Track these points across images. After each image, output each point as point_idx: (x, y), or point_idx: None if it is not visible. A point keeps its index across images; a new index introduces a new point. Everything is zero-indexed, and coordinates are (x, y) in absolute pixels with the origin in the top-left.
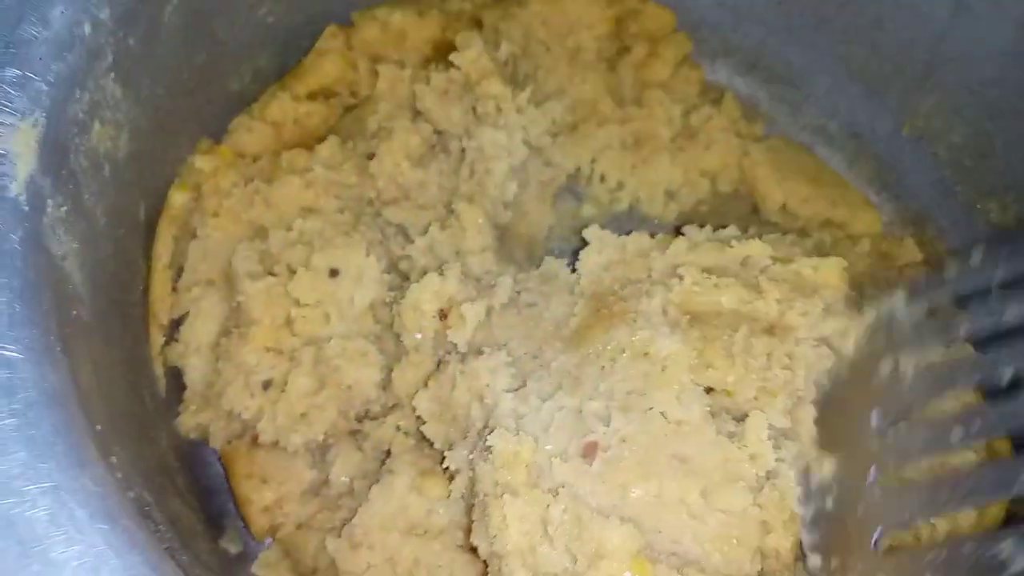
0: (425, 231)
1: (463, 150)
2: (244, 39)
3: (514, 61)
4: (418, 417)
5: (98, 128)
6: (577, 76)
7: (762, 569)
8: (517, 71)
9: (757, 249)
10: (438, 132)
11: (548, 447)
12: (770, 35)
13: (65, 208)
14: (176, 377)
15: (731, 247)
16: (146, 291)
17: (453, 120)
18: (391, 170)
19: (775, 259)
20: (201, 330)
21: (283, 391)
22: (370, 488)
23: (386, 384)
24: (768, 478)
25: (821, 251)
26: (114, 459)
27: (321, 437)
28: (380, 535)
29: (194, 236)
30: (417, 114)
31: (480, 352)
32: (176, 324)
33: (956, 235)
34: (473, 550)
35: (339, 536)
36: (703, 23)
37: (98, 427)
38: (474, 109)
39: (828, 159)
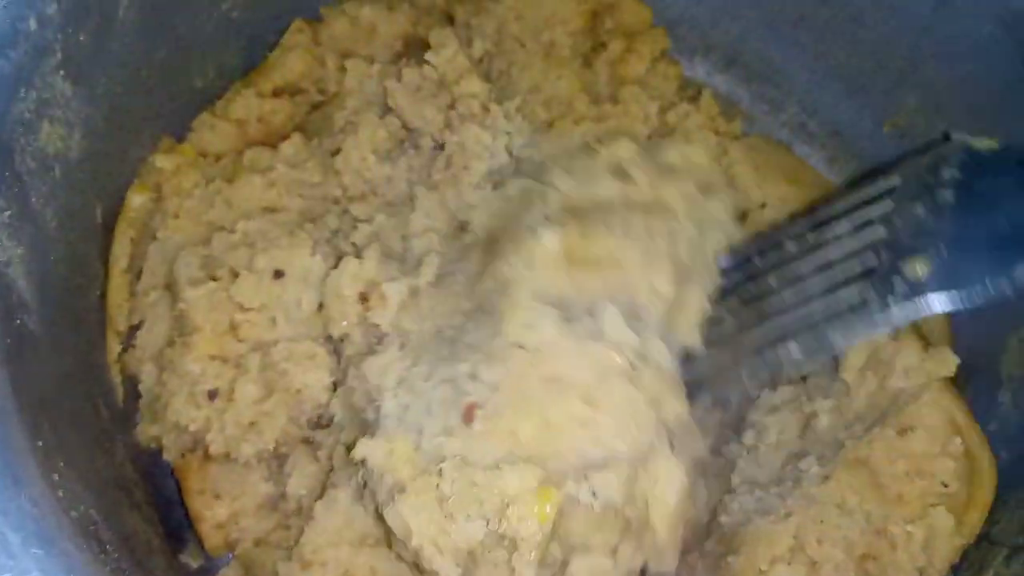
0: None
1: (439, 146)
2: (207, 35)
3: (488, 58)
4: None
5: (47, 128)
6: (552, 72)
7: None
8: (491, 68)
9: (624, 149)
10: (408, 128)
11: (434, 429)
12: (748, 31)
13: (9, 212)
14: (135, 385)
15: (599, 152)
16: (103, 296)
17: (426, 117)
18: (357, 165)
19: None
20: (155, 336)
21: (230, 400)
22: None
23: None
24: (639, 358)
25: None
26: (56, 476)
27: (272, 446)
28: (331, 552)
29: (153, 238)
30: (387, 110)
31: (373, 351)
32: (134, 330)
33: None
34: None
35: (289, 559)
36: (681, 19)
37: (39, 443)
38: (450, 107)
39: (808, 157)
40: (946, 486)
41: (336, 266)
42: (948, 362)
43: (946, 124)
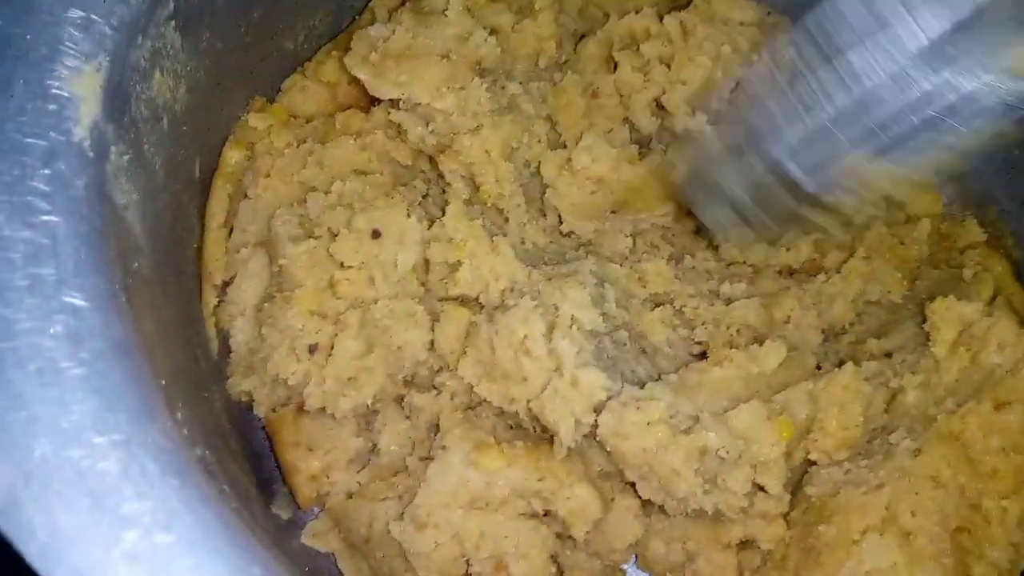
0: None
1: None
2: None
3: None
4: (467, 383)
5: (158, 77)
6: None
7: None
8: None
9: None
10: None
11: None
12: None
13: (127, 157)
14: (225, 339)
15: None
16: (200, 249)
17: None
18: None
19: None
20: (248, 293)
21: (330, 355)
22: (427, 467)
23: (432, 347)
24: None
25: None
26: (179, 415)
27: (370, 401)
28: (443, 513)
29: (245, 196)
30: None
31: (504, 306)
32: (227, 285)
33: (1020, 218)
34: (535, 516)
35: (401, 518)
36: None
37: (163, 381)
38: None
39: None
40: None
41: (430, 228)
42: None
43: None
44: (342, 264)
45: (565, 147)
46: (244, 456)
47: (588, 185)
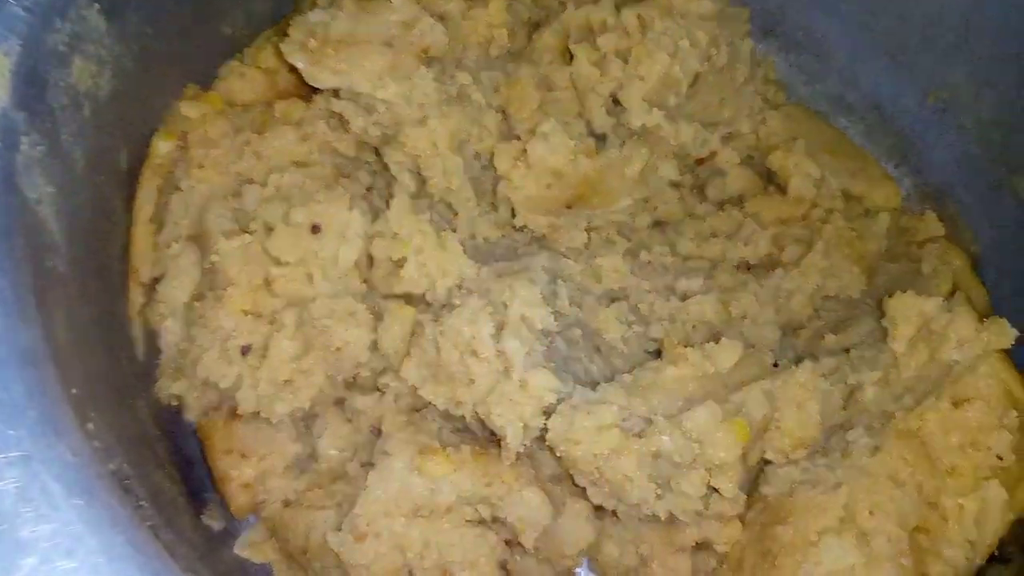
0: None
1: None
2: None
3: None
4: (412, 385)
5: (79, 63)
6: None
7: None
8: None
9: None
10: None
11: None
12: (789, 0)
13: (41, 148)
14: (155, 340)
15: None
16: (127, 246)
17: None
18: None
19: None
20: (178, 291)
21: (264, 357)
22: (368, 474)
23: (375, 347)
24: None
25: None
26: (91, 426)
27: (308, 405)
28: (384, 522)
29: (177, 188)
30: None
31: (451, 304)
32: (156, 283)
33: (979, 212)
34: (483, 523)
35: (339, 528)
36: None
37: (74, 390)
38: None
39: (845, 130)
40: (1000, 459)
41: (374, 222)
42: (1006, 333)
43: (994, 99)
44: (278, 260)
45: (519, 139)
46: (173, 464)
47: (543, 177)
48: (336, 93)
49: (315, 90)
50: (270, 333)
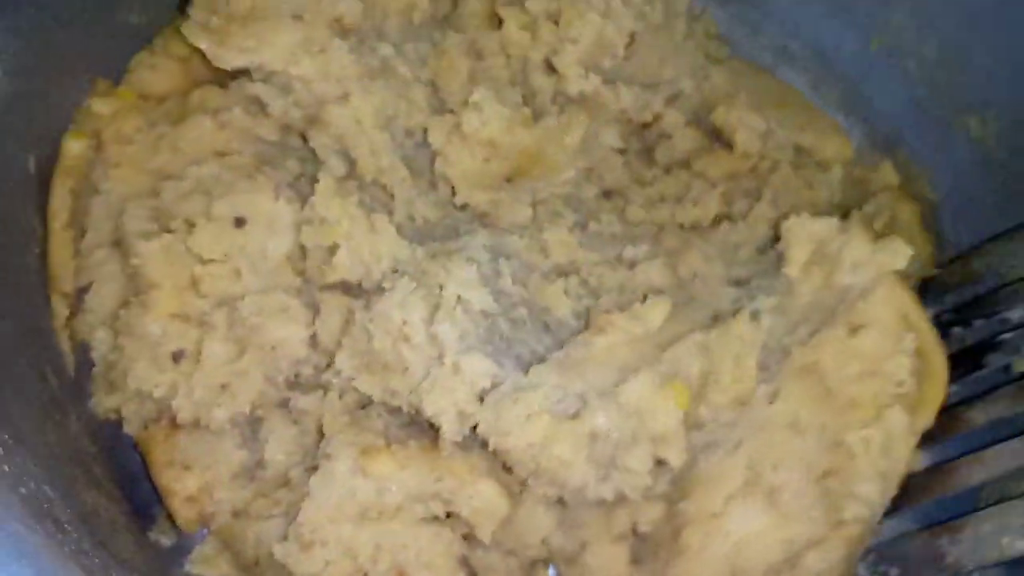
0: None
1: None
2: None
3: None
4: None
5: None
6: None
7: None
8: None
9: None
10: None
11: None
12: None
13: None
14: (86, 352)
15: None
16: (44, 256)
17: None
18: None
19: None
20: (107, 299)
21: (197, 361)
22: (309, 478)
23: (315, 342)
24: None
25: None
26: (0, 451)
27: (248, 409)
28: (331, 528)
29: (95, 192)
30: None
31: (380, 289)
32: (83, 293)
33: (930, 157)
34: (437, 520)
35: (285, 539)
36: None
37: None
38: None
39: (792, 82)
40: (900, 384)
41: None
42: (900, 253)
43: (937, 39)
44: (202, 258)
45: (453, 113)
46: (113, 482)
47: (480, 151)
48: (249, 75)
49: (233, 76)
50: (201, 336)
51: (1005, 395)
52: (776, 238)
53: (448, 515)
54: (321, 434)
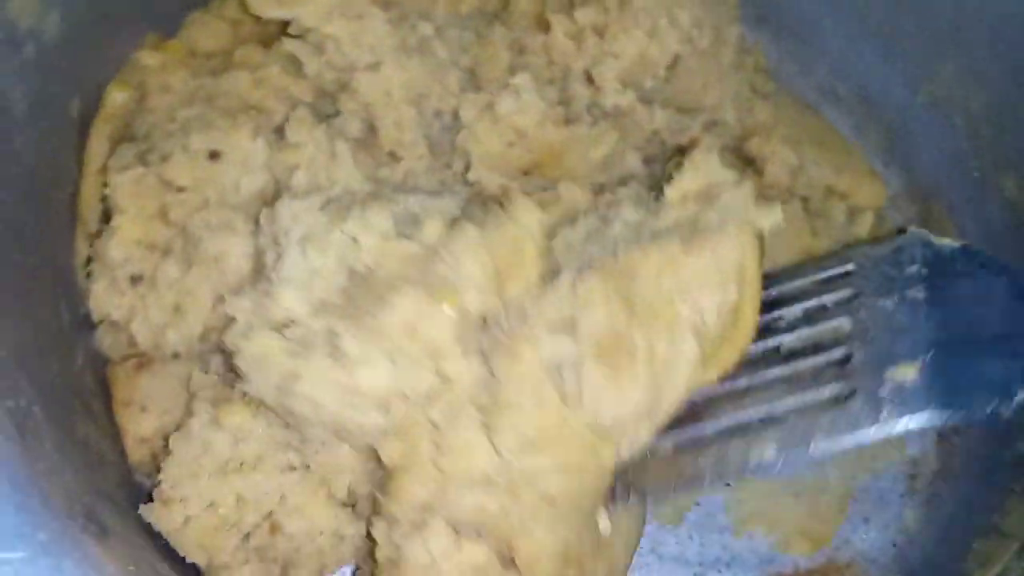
0: None
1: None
2: None
3: None
4: None
5: None
6: None
7: None
8: None
9: None
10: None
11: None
12: None
13: None
14: None
15: None
16: (75, 196)
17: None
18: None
19: None
20: None
21: (154, 286)
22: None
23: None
24: None
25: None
26: None
27: (199, 330)
28: (190, 484)
29: (132, 139)
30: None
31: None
32: None
33: (966, 213)
34: (305, 467)
35: (150, 501)
36: None
37: None
38: None
39: (835, 123)
40: (703, 323)
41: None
42: (772, 218)
43: (985, 95)
44: (172, 185)
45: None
46: (108, 418)
47: (508, 134)
48: (287, 32)
49: (275, 37)
50: (161, 261)
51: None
52: None
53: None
54: None
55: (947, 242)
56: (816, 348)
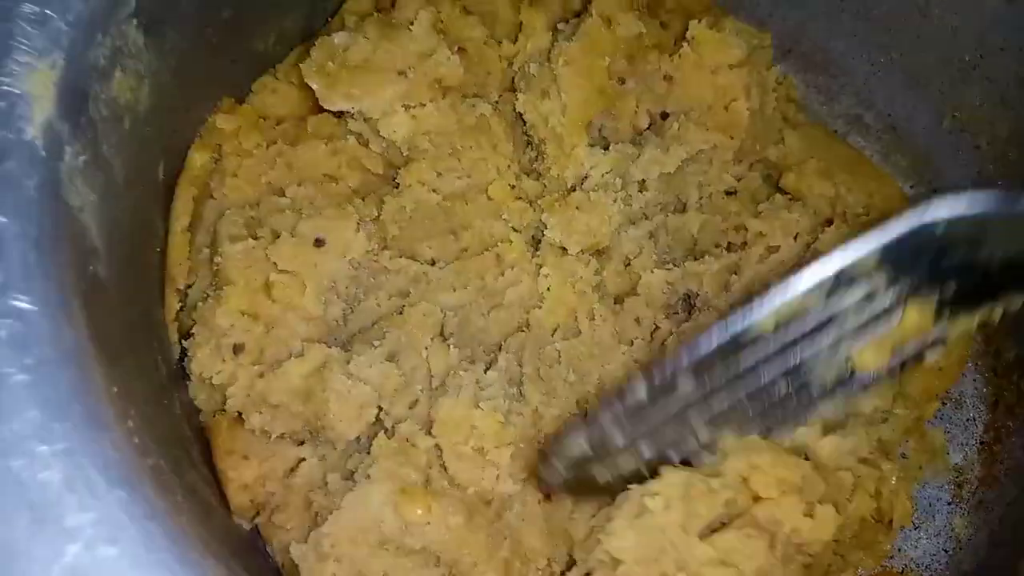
0: None
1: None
2: None
3: None
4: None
5: (119, 77)
6: None
7: None
8: None
9: None
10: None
11: None
12: (809, 20)
13: (84, 158)
14: None
15: None
16: (163, 254)
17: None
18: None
19: None
20: (200, 295)
21: (256, 357)
22: (345, 490)
23: None
24: None
25: None
26: (131, 423)
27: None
28: (349, 548)
29: (211, 197)
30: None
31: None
32: (190, 289)
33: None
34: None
35: (305, 541)
36: (740, 5)
37: (115, 389)
38: None
39: (863, 150)
40: None
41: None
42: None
43: (1011, 119)
44: (276, 267)
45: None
46: (207, 465)
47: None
48: (352, 115)
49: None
50: (263, 335)
51: None
52: None
53: None
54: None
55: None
56: None
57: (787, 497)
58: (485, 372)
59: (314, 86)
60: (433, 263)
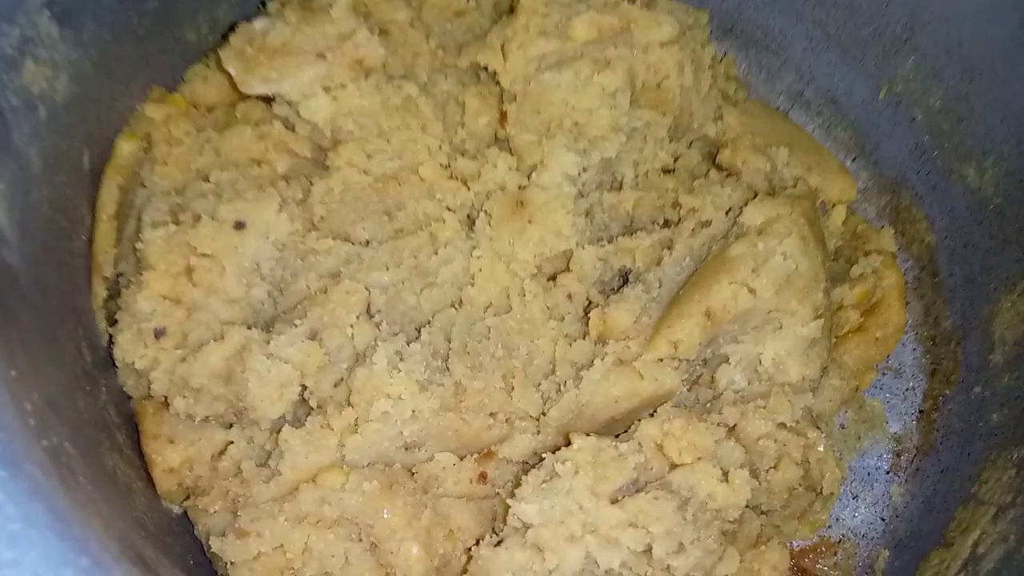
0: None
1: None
2: None
3: None
4: None
5: (31, 67)
6: None
7: None
8: None
9: None
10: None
11: None
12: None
13: None
14: None
15: None
16: (90, 243)
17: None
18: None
19: None
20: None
21: (177, 341)
22: (260, 473)
23: None
24: None
25: None
26: (29, 406)
27: (206, 416)
28: (269, 522)
29: (142, 186)
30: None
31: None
32: (119, 277)
33: (932, 202)
34: (372, 546)
35: (224, 534)
36: None
37: (13, 372)
38: None
39: (804, 126)
40: None
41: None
42: None
43: (943, 89)
44: (196, 251)
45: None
46: (135, 450)
47: None
48: (276, 100)
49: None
50: (184, 318)
51: None
52: None
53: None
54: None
55: None
56: None
57: (702, 463)
58: (408, 345)
59: (232, 71)
60: (367, 243)
